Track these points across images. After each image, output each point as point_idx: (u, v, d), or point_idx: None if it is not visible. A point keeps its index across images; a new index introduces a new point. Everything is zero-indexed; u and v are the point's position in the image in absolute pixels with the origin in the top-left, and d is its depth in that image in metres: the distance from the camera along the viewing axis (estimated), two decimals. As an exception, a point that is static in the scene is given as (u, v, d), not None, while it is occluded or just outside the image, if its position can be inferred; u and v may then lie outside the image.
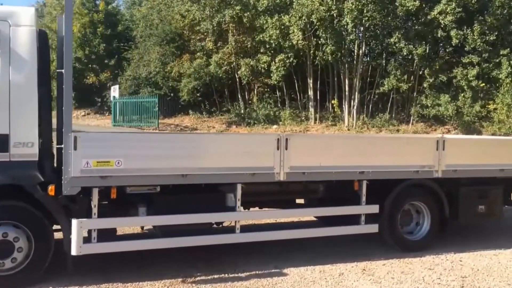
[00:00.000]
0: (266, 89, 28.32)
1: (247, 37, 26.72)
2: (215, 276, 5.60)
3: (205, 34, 28.38)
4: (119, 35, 32.84)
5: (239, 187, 5.89)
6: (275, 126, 26.79)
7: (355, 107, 25.41)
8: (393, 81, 23.60)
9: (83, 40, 31.77)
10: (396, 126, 24.58)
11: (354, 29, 23.56)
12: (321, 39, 24.24)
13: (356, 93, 25.37)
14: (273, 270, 5.91)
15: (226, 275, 5.67)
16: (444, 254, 6.88)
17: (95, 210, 5.29)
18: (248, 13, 25.59)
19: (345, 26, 23.27)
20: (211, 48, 28.03)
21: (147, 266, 5.84)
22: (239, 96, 28.61)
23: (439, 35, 22.30)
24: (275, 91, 28.53)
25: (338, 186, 6.62)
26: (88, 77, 31.59)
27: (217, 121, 28.63)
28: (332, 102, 26.52)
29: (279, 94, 28.30)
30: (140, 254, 5.78)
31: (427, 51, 22.51)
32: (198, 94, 28.50)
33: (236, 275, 5.69)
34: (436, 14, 21.82)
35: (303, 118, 26.87)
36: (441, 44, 23.95)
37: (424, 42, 22.47)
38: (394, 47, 23.08)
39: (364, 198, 6.64)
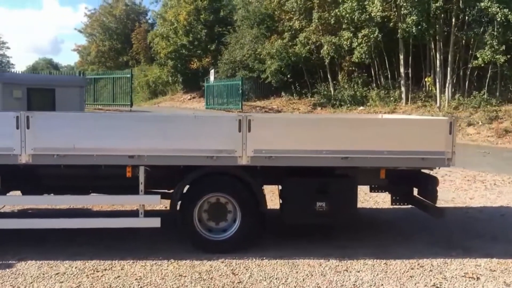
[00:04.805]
0: (354, 68, 26.39)
1: (330, 13, 25.13)
2: None
3: (293, 13, 27.47)
4: (221, 20, 33.59)
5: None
6: (361, 108, 24.89)
7: (447, 85, 22.18)
8: (487, 52, 19.93)
9: (188, 28, 33.26)
10: (495, 106, 20.78)
11: (440, -6, 20.44)
12: (403, 9, 21.58)
13: (449, 69, 22.10)
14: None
15: None
16: (242, 259, 5.59)
17: None
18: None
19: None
20: (297, 27, 27.06)
21: None
22: (329, 77, 27.16)
23: (542, -7, 18.09)
24: (367, 70, 26.43)
25: (113, 173, 5.83)
26: (192, 63, 33.05)
27: (305, 103, 27.67)
28: (426, 80, 23.58)
29: (373, 73, 26.11)
30: None
31: (527, 14, 18.45)
32: (288, 76, 27.89)
33: None
34: (538, -33, 17.71)
35: (391, 98, 24.40)
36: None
37: (522, 3, 18.48)
38: (487, 12, 19.42)
39: (142, 187, 5.73)
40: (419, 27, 21.27)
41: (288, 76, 27.94)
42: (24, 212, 7.51)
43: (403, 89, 24.21)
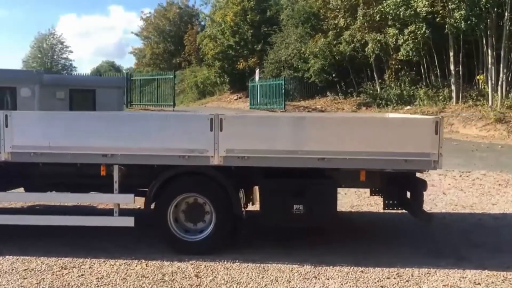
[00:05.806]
0: (401, 66, 25.41)
1: (374, 9, 24.36)
2: None
3: (338, 10, 26.89)
4: (267, 20, 33.45)
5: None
6: (408, 107, 23.94)
7: (500, 83, 20.85)
8: (541, 47, 18.56)
9: (235, 28, 33.39)
10: (554, 106, 19.30)
11: (491, -13, 19.23)
12: (450, 3, 20.54)
13: (502, 65, 20.76)
14: None
15: None
16: (213, 262, 5.42)
17: None
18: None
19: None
20: (342, 25, 26.44)
21: None
22: (375, 75, 26.35)
23: None
24: (416, 68, 25.39)
25: (88, 171, 5.84)
26: (239, 63, 33.17)
27: (351, 102, 27.01)
28: (478, 77, 22.32)
29: (422, 71, 25.07)
30: None
31: None
32: (333, 75, 27.38)
33: None
34: None
35: (441, 97, 23.28)
36: None
37: None
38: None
39: (116, 186, 5.71)
40: (468, 22, 20.13)
41: (333, 75, 27.42)
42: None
43: (453, 87, 23.05)
